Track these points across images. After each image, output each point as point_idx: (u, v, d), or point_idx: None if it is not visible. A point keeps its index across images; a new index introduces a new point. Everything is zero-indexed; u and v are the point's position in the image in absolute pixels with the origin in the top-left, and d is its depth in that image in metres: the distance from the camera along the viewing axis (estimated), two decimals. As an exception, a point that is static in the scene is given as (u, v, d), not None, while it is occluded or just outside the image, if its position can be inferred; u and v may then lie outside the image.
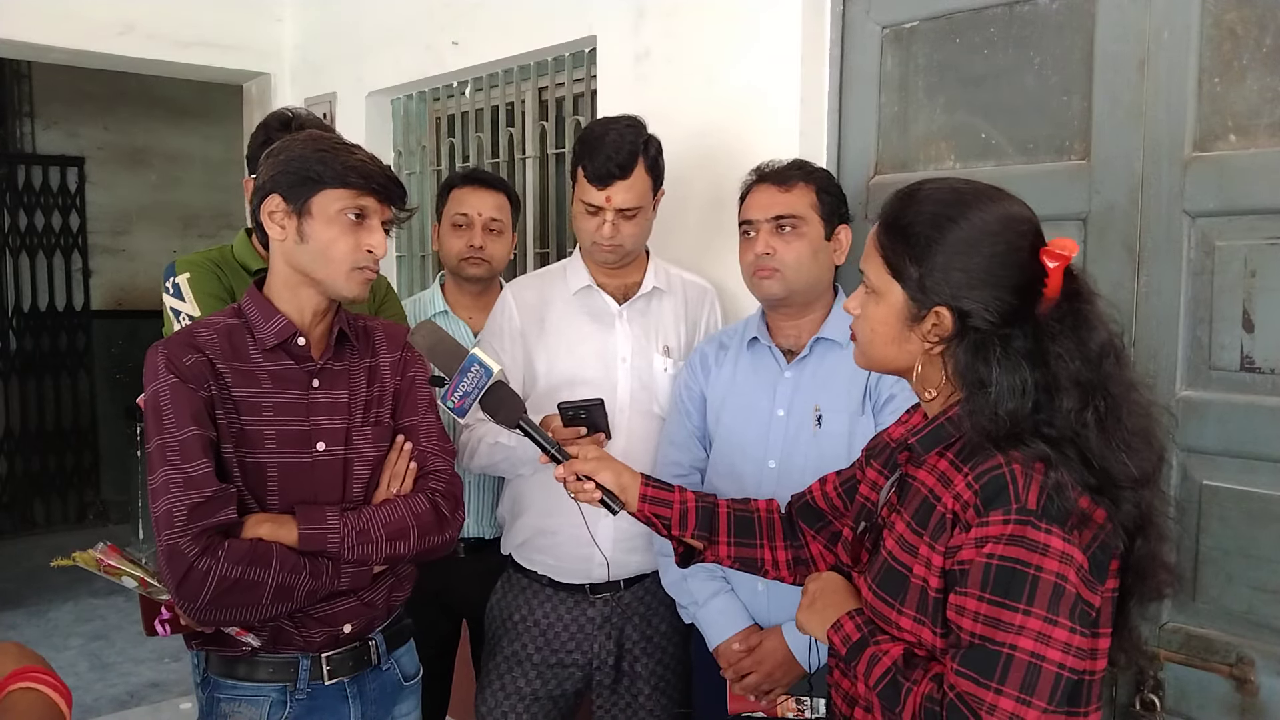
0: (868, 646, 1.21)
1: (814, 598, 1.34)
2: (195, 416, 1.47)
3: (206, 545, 1.43)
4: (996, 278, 1.15)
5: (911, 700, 1.13)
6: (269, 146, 1.64)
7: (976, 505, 1.11)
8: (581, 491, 1.50)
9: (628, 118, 1.97)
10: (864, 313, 1.26)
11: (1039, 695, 1.05)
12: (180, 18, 3.60)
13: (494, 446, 1.98)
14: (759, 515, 1.54)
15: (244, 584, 1.44)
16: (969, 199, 1.18)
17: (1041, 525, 1.07)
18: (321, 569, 1.52)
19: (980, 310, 1.14)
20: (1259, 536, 1.59)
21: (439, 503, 1.62)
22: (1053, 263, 1.13)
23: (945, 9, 1.97)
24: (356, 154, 1.56)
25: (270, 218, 1.56)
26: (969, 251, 1.15)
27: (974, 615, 1.09)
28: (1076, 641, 1.07)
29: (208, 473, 1.46)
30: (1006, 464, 1.11)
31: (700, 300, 2.14)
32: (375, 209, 1.56)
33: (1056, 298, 1.14)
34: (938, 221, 1.17)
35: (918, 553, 1.18)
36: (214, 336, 1.56)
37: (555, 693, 2.06)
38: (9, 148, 5.90)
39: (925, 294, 1.17)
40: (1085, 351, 1.12)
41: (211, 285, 1.96)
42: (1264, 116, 1.58)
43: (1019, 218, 1.18)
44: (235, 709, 1.59)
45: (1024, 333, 1.13)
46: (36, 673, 1.09)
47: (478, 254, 2.38)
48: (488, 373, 1.48)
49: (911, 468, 1.26)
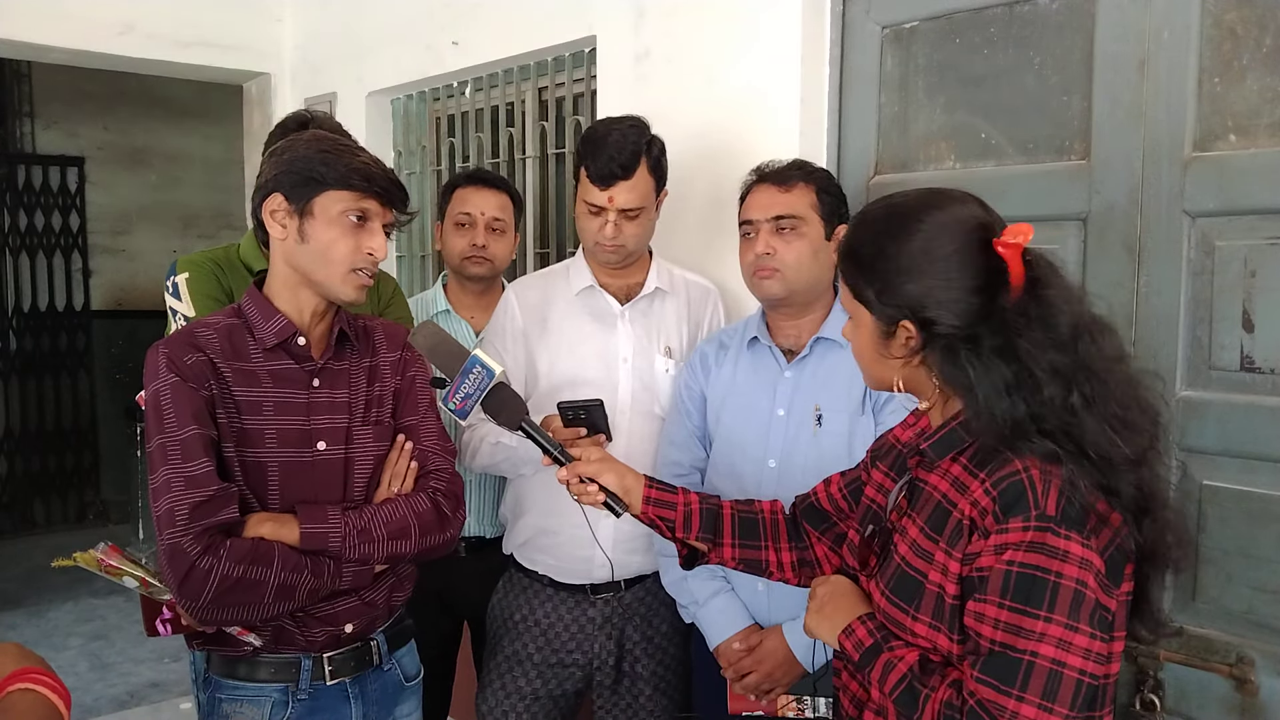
0: (881, 652, 1.21)
1: (823, 602, 1.33)
2: (196, 415, 1.47)
3: (208, 544, 1.43)
4: (950, 281, 1.15)
5: (930, 707, 1.12)
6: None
7: (995, 512, 1.11)
8: (585, 494, 1.50)
9: (631, 118, 1.97)
10: (852, 338, 1.30)
11: (1060, 702, 1.05)
12: (180, 18, 3.60)
13: (495, 446, 1.98)
14: (763, 517, 1.54)
15: (246, 583, 1.44)
16: (905, 212, 1.20)
17: (1061, 531, 1.07)
18: (323, 568, 1.52)
19: (942, 315, 1.15)
20: (1259, 536, 1.59)
21: (440, 502, 1.62)
22: (1006, 250, 1.13)
23: (945, 9, 1.97)
24: (360, 156, 1.56)
25: (272, 216, 1.56)
26: (917, 262, 1.16)
27: (994, 622, 1.09)
28: (1097, 647, 1.07)
29: (209, 471, 1.46)
30: (1024, 470, 1.10)
31: (703, 301, 2.14)
32: (377, 212, 1.56)
33: (1021, 286, 1.14)
34: (879, 241, 1.20)
35: (933, 559, 1.17)
36: (214, 336, 1.56)
37: (556, 693, 2.07)
38: (9, 148, 5.90)
39: (886, 310, 1.19)
40: (1056, 338, 1.12)
41: (209, 286, 1.96)
42: (1264, 116, 1.58)
43: (961, 218, 1.18)
44: (237, 709, 1.59)
45: (991, 330, 1.13)
46: (35, 674, 1.08)
47: (480, 253, 2.39)
48: (489, 374, 1.48)
49: (922, 472, 1.26)
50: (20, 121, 5.98)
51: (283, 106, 3.90)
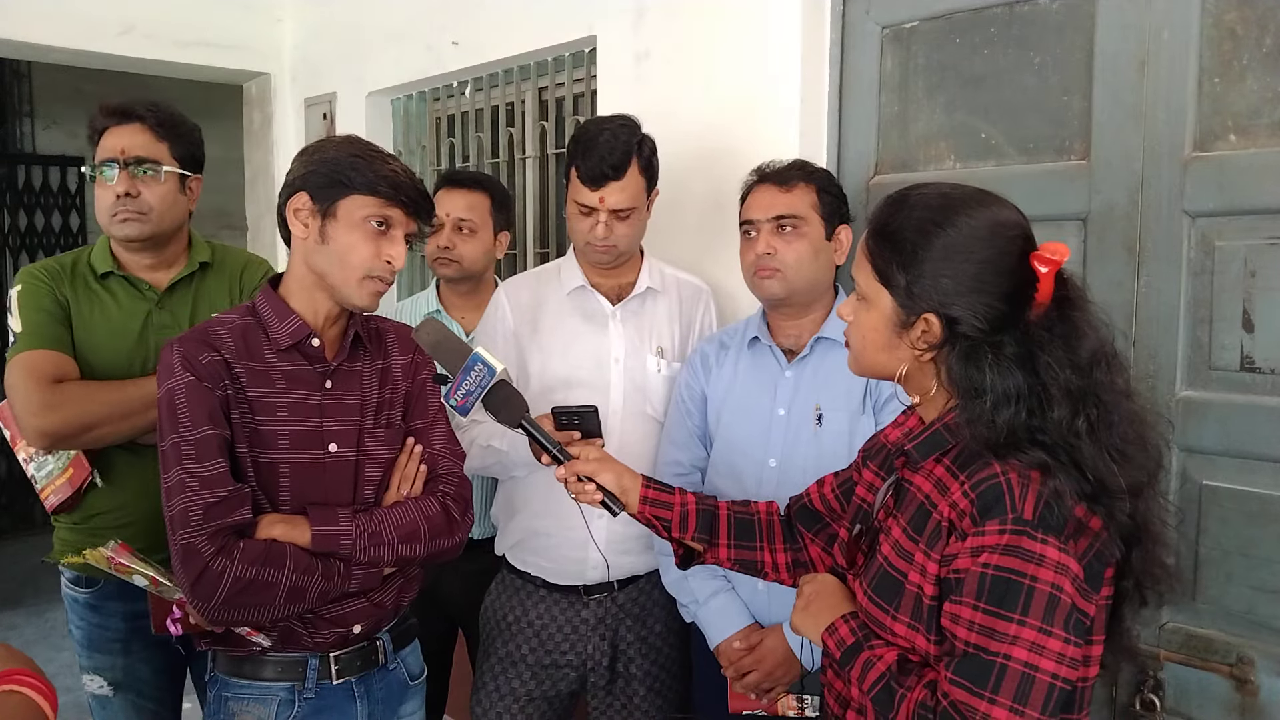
0: (862, 651, 1.21)
1: (809, 600, 1.34)
2: (211, 415, 1.47)
3: (222, 545, 1.43)
4: (985, 284, 1.14)
5: (905, 707, 1.13)
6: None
7: (973, 514, 1.11)
8: (582, 493, 1.51)
9: (621, 117, 1.96)
10: (855, 319, 1.26)
11: (1032, 705, 1.05)
12: (180, 18, 3.60)
13: (486, 450, 1.97)
14: (759, 518, 1.54)
15: (258, 584, 1.44)
16: (957, 204, 1.17)
17: (1038, 535, 1.07)
18: (334, 570, 1.52)
19: (969, 317, 1.14)
20: (1259, 536, 1.59)
21: (449, 506, 1.63)
22: (1044, 268, 1.12)
23: (945, 9, 1.97)
24: (391, 164, 1.56)
25: (295, 215, 1.56)
26: (957, 258, 1.14)
27: (969, 624, 1.09)
28: (1070, 652, 1.07)
29: (223, 472, 1.46)
30: (1003, 473, 1.11)
31: (695, 300, 2.13)
32: (400, 220, 1.56)
33: (1048, 303, 1.14)
34: (925, 228, 1.16)
35: (913, 559, 1.18)
36: (229, 335, 1.55)
37: (550, 694, 2.06)
38: (9, 148, 5.90)
39: (913, 301, 1.17)
40: (1075, 360, 1.12)
41: (40, 299, 1.94)
42: (1264, 116, 1.59)
43: (1008, 223, 1.17)
44: (243, 708, 1.59)
45: (1015, 339, 1.13)
46: (20, 675, 1.08)
47: (444, 254, 2.39)
48: (490, 372, 1.49)
49: (908, 472, 1.26)
50: (20, 121, 5.97)
51: (283, 106, 3.91)
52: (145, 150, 1.98)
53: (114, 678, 2.06)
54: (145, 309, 2.01)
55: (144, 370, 1.96)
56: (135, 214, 1.96)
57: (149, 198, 1.97)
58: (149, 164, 1.98)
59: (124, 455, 1.96)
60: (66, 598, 2.10)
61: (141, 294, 2.02)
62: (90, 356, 1.95)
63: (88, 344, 1.95)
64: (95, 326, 1.97)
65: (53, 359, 1.89)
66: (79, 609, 2.07)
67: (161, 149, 2.01)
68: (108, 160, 1.95)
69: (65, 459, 1.97)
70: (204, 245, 2.14)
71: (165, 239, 2.03)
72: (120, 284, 2.02)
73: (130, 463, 1.96)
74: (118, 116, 1.99)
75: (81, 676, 2.09)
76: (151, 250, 2.03)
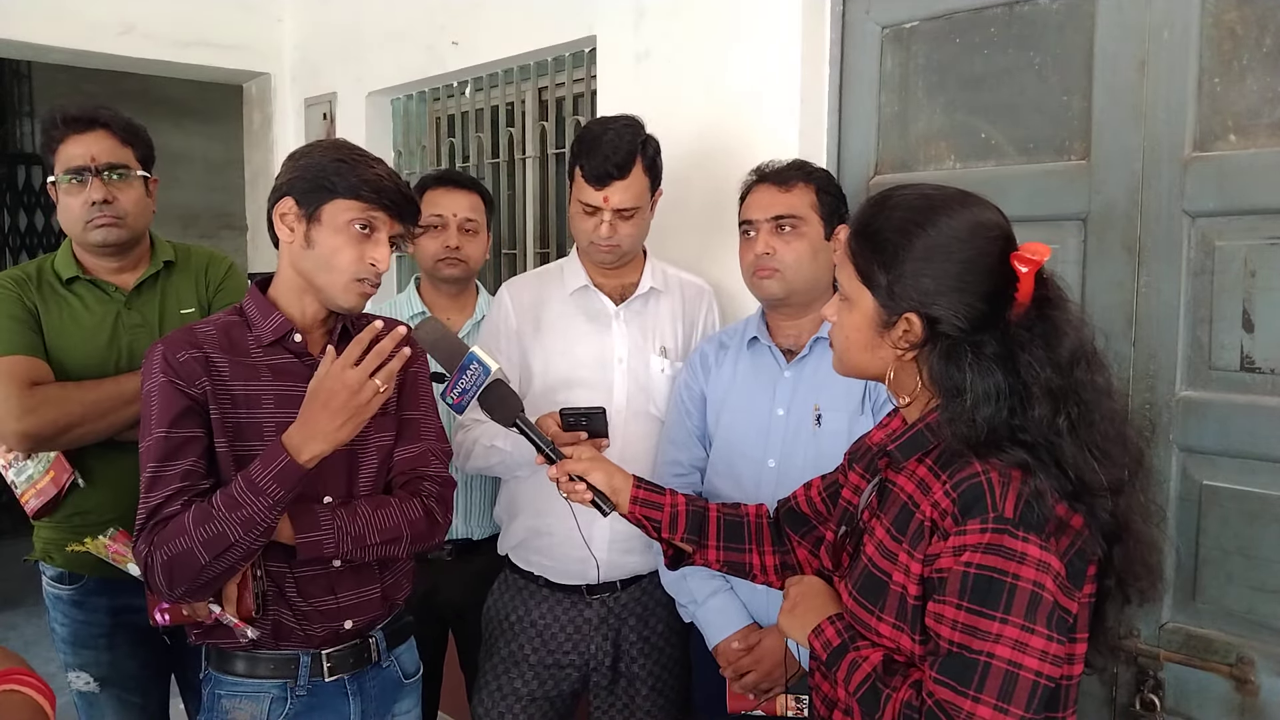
0: (848, 652, 1.22)
1: (795, 602, 1.35)
2: (175, 418, 1.49)
3: (151, 539, 1.47)
4: (966, 284, 1.15)
5: (891, 707, 1.14)
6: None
7: (954, 514, 1.11)
8: (573, 492, 1.51)
9: (625, 117, 1.96)
10: (839, 320, 1.27)
11: (1016, 703, 1.06)
12: (180, 18, 3.60)
13: (489, 449, 1.98)
14: (748, 520, 1.55)
15: (180, 557, 1.45)
16: (938, 205, 1.18)
17: (1019, 534, 1.08)
18: (239, 502, 1.44)
19: (950, 316, 1.14)
20: (1259, 536, 1.59)
21: (433, 509, 1.65)
22: (1024, 267, 1.13)
23: (945, 9, 1.97)
24: (375, 168, 1.57)
25: (281, 219, 1.57)
26: (938, 258, 1.15)
27: (952, 623, 1.09)
28: (1053, 649, 1.08)
29: (171, 474, 1.49)
30: (984, 472, 1.11)
31: (697, 300, 2.13)
32: (384, 223, 1.57)
33: (1028, 303, 1.14)
34: (906, 228, 1.17)
35: (897, 559, 1.18)
36: (213, 331, 1.58)
37: (552, 694, 2.06)
38: (9, 148, 5.90)
39: (895, 301, 1.18)
40: (1055, 359, 1.12)
41: (9, 306, 1.96)
42: (1264, 116, 1.58)
43: (989, 223, 1.18)
44: (236, 705, 1.60)
45: (995, 339, 1.13)
46: (18, 674, 1.10)
47: (454, 254, 2.35)
48: (485, 371, 1.49)
49: (891, 473, 1.27)
50: (20, 121, 5.98)
51: (282, 106, 3.91)
52: (115, 156, 2.01)
53: (100, 673, 2.07)
54: (115, 310, 2.04)
55: (118, 371, 1.99)
56: (113, 219, 1.99)
57: (124, 203, 2.00)
58: (120, 169, 2.01)
59: (104, 454, 1.98)
60: (49, 596, 2.12)
61: (109, 296, 2.05)
62: (65, 361, 1.97)
63: (61, 349, 1.97)
64: (67, 331, 1.99)
65: (27, 364, 1.91)
66: (62, 606, 2.09)
67: (128, 153, 2.04)
68: (79, 168, 1.97)
69: (46, 462, 1.99)
70: (166, 245, 2.17)
71: (136, 242, 2.07)
72: (87, 288, 2.04)
73: (110, 461, 1.98)
74: (81, 124, 2.00)
75: (67, 674, 2.09)
76: (121, 254, 2.05)
